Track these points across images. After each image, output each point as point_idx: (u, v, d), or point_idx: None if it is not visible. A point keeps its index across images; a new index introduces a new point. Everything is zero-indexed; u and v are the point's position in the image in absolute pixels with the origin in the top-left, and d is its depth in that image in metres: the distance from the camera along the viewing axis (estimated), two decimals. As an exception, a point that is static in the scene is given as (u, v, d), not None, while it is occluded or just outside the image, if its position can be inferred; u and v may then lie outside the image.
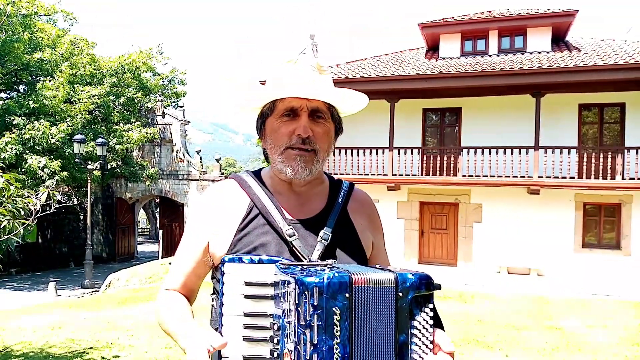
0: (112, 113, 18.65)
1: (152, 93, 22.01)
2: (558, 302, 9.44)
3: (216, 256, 1.15)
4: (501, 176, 11.75)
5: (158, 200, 25.69)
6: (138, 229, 26.24)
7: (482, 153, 11.88)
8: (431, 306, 0.91)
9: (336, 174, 12.55)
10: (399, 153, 12.62)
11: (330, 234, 1.13)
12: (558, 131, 12.04)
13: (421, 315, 0.91)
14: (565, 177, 11.49)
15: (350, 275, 0.87)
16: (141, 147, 20.65)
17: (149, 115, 20.99)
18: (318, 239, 1.13)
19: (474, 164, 12.03)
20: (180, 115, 21.14)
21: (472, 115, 12.86)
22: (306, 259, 1.09)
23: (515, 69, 11.32)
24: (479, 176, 11.99)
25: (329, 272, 0.87)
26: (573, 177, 11.40)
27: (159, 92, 22.91)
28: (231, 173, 2.15)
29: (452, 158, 12.52)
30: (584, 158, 11.28)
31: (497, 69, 11.51)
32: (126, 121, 19.13)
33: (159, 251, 19.29)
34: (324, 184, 1.27)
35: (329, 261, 1.00)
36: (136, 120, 19.66)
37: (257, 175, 1.25)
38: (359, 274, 0.88)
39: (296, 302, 0.87)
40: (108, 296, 11.84)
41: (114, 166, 19.36)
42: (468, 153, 12.15)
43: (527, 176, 11.63)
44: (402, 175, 12.66)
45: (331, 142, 1.20)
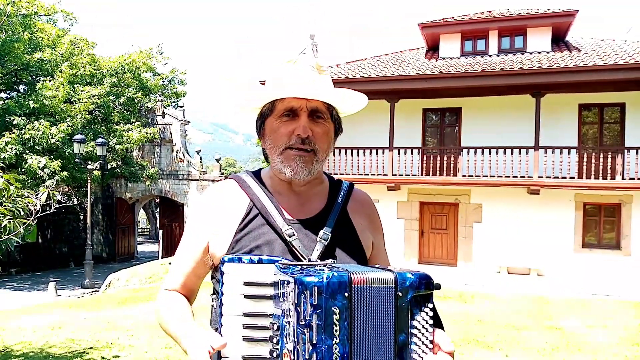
0: (112, 113, 18.66)
1: (152, 93, 22.02)
2: (558, 302, 9.44)
3: (216, 256, 1.15)
4: (501, 176, 11.75)
5: (158, 200, 25.69)
6: (138, 229, 26.25)
7: (482, 153, 11.88)
8: (431, 306, 0.91)
9: (336, 174, 12.55)
10: (399, 153, 12.62)
11: (329, 234, 1.13)
12: (558, 131, 12.05)
13: (421, 314, 0.91)
14: (565, 177, 11.49)
15: (349, 274, 0.87)
16: (141, 147, 20.65)
17: (149, 115, 21.00)
18: (318, 239, 1.13)
19: (474, 164, 12.03)
20: (180, 115, 21.15)
21: (472, 115, 12.86)
22: (306, 259, 1.08)
23: (515, 69, 11.33)
24: (479, 176, 11.99)
25: (329, 272, 0.86)
26: (573, 177, 11.41)
27: (159, 92, 22.92)
28: (231, 173, 2.15)
29: (452, 158, 12.52)
30: (584, 158, 11.28)
31: (497, 69, 11.51)
32: (126, 121, 19.14)
33: (159, 251, 19.29)
34: (324, 184, 1.27)
35: (329, 261, 1.00)
36: (136, 120, 19.67)
37: (257, 175, 1.25)
38: (359, 274, 0.87)
39: (295, 302, 0.87)
40: (108, 296, 11.84)
41: (114, 166, 19.37)
42: (468, 153, 12.15)
43: (527, 176, 11.63)
44: (402, 175, 12.66)
45: (331, 142, 1.20)
